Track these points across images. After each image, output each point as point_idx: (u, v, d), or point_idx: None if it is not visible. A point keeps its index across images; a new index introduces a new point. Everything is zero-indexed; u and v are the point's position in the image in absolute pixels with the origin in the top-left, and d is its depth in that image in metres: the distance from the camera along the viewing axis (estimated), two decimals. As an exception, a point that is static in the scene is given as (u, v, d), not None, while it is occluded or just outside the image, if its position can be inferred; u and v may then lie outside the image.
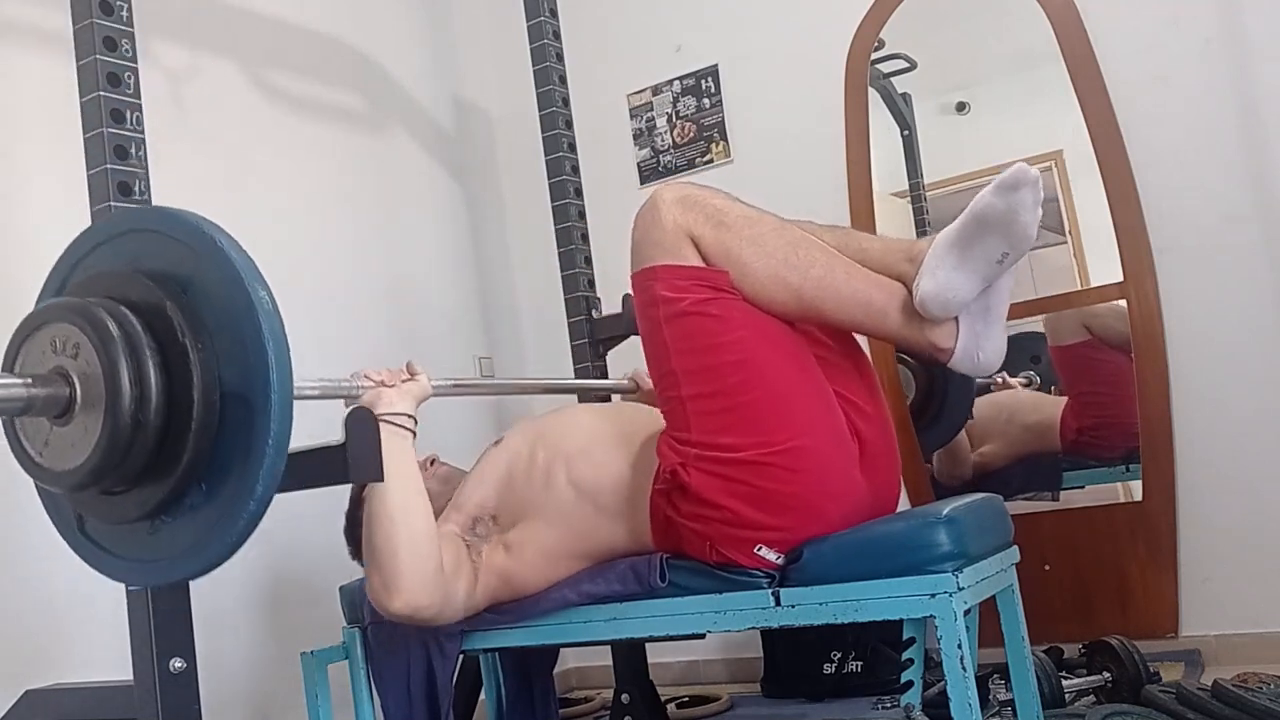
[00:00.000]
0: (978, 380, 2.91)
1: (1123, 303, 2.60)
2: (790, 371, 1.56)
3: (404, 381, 1.69)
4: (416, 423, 1.67)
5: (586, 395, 2.38)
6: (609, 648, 2.38)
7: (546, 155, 2.58)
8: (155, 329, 1.22)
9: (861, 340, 1.66)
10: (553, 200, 2.57)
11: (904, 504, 2.68)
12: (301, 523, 2.38)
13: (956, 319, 1.58)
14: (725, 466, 1.52)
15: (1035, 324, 2.89)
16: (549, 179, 2.58)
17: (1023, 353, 2.92)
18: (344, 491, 2.01)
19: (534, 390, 2.81)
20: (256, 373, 1.19)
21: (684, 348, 1.56)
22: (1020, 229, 1.49)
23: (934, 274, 1.54)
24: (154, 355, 1.20)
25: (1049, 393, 2.90)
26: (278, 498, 1.44)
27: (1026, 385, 2.94)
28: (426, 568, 1.58)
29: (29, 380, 1.21)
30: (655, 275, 1.58)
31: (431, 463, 1.94)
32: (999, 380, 2.93)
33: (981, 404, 2.94)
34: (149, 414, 1.19)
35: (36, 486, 1.37)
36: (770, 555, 1.54)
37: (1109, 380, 2.77)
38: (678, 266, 1.56)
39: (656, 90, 3.25)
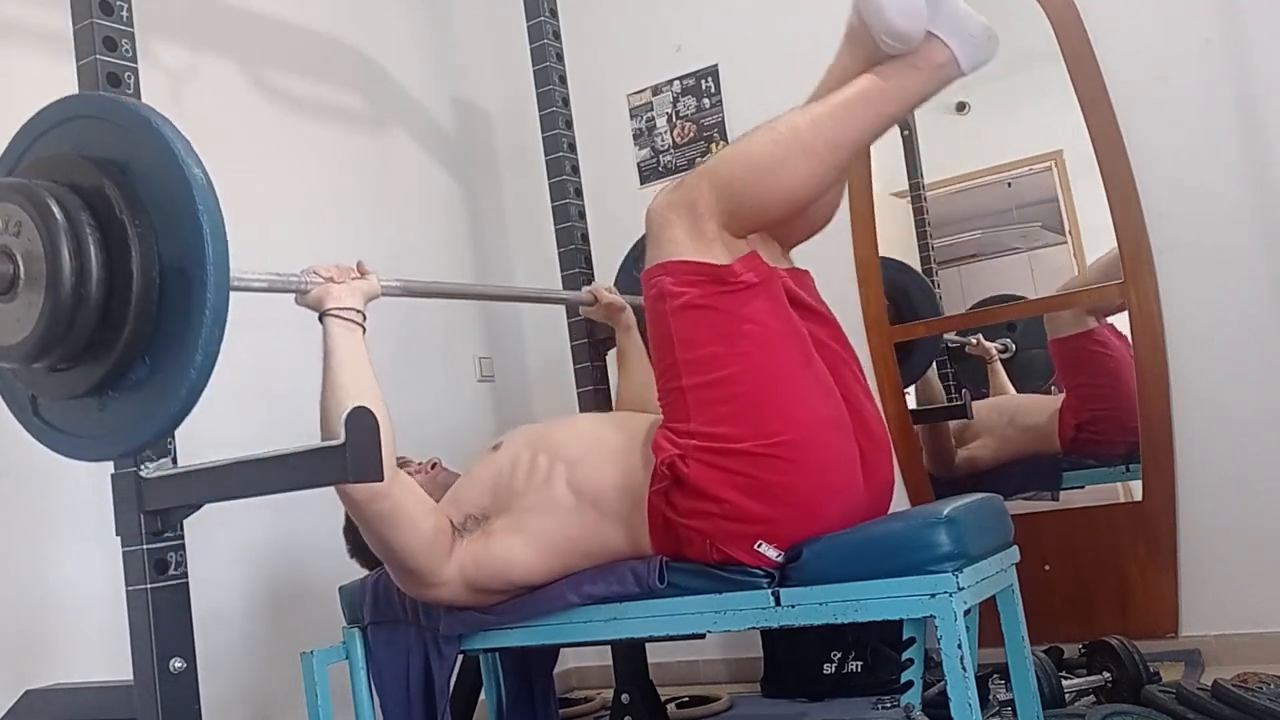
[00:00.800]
0: (952, 340, 2.95)
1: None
2: (794, 365, 1.57)
3: (353, 279, 1.73)
4: (365, 319, 1.70)
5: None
6: (609, 648, 2.39)
7: (546, 155, 2.58)
8: (95, 208, 1.28)
9: (859, 343, 1.67)
10: (553, 200, 2.57)
11: (904, 503, 2.70)
12: (301, 523, 2.39)
13: (933, 34, 1.59)
14: (725, 458, 1.52)
15: (1013, 290, 2.92)
16: (549, 179, 2.57)
17: (999, 320, 2.96)
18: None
19: (490, 297, 2.77)
20: (193, 246, 1.24)
21: (689, 339, 1.57)
22: None
23: (878, 8, 1.57)
24: (93, 232, 1.26)
25: (1034, 384, 2.90)
26: (277, 498, 1.45)
27: (1003, 352, 2.95)
28: (386, 453, 1.58)
29: None
30: (665, 270, 1.59)
31: (433, 466, 1.94)
32: (973, 341, 2.94)
33: (982, 406, 2.94)
34: (90, 288, 1.25)
35: None
36: (770, 552, 1.54)
37: (1107, 372, 2.77)
38: (687, 262, 1.57)
39: (656, 90, 3.25)
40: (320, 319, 1.69)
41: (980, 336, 2.95)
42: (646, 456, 1.64)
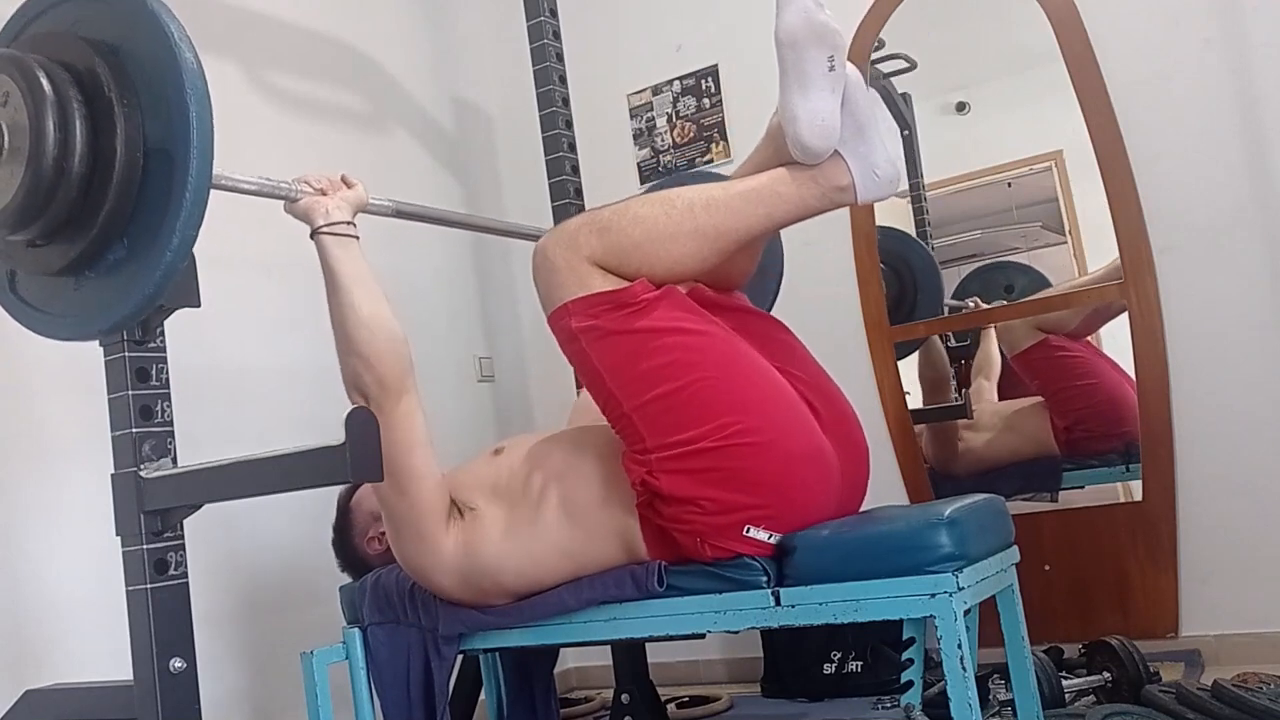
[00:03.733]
0: (951, 302, 2.96)
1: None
2: (721, 355, 1.57)
3: (341, 191, 1.76)
4: (356, 228, 1.73)
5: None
6: (609, 648, 2.38)
7: (546, 155, 2.58)
8: (85, 85, 1.29)
9: (859, 342, 1.67)
10: (553, 200, 2.57)
11: (904, 502, 2.70)
12: (301, 523, 2.39)
13: (840, 156, 1.61)
14: (686, 460, 1.53)
15: (1013, 254, 2.96)
16: (549, 179, 2.57)
17: (996, 284, 2.97)
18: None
19: (485, 229, 2.74)
20: (178, 127, 1.25)
21: (613, 365, 1.57)
22: (821, 28, 1.57)
23: (794, 118, 1.58)
24: (80, 108, 1.27)
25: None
26: (277, 498, 1.45)
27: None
28: (405, 360, 1.66)
29: None
30: (567, 311, 1.59)
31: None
32: (970, 304, 2.95)
33: (983, 408, 2.95)
34: (72, 163, 1.26)
35: None
36: (762, 535, 1.55)
37: (1075, 373, 2.80)
38: (585, 297, 1.57)
39: (656, 90, 3.25)
40: (312, 235, 1.71)
41: (978, 299, 2.96)
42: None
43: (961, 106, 2.96)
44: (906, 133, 2.98)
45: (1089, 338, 2.84)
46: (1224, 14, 2.50)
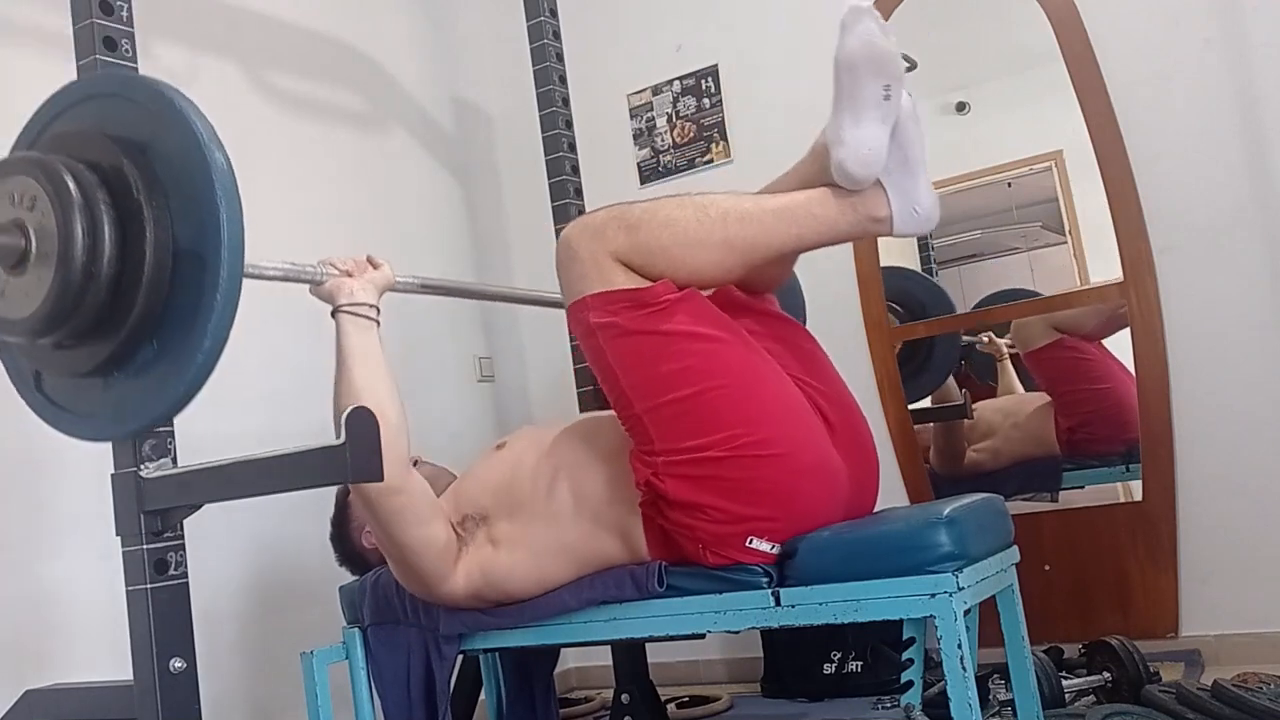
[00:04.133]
0: (964, 338, 2.95)
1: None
2: (737, 364, 1.56)
3: (367, 272, 1.74)
4: (379, 312, 1.71)
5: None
6: (609, 648, 2.38)
7: (546, 155, 2.58)
8: (112, 186, 1.26)
9: (859, 342, 1.67)
10: (553, 200, 2.57)
11: (904, 502, 2.70)
12: (301, 523, 2.38)
13: (883, 186, 1.59)
14: (694, 467, 1.53)
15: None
16: (549, 179, 2.57)
17: (1002, 320, 2.95)
18: (344, 491, 2.02)
19: (510, 299, 2.76)
20: (209, 230, 1.23)
21: (629, 365, 1.56)
22: (882, 55, 1.53)
23: (841, 141, 1.56)
24: (109, 211, 1.25)
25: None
26: (277, 498, 1.45)
27: (1012, 348, 2.95)
28: (401, 451, 1.61)
29: None
30: (586, 305, 1.57)
31: (415, 463, 1.94)
32: (984, 339, 2.95)
33: (985, 407, 2.95)
34: (101, 266, 1.23)
35: None
36: (764, 546, 1.54)
37: (1086, 375, 2.79)
38: (606, 293, 1.56)
39: (656, 90, 3.25)
40: (333, 314, 1.69)
41: (991, 334, 2.96)
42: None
43: (961, 106, 2.96)
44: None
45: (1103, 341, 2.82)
46: (1224, 14, 2.50)
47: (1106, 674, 2.11)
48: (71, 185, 1.24)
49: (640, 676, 2.31)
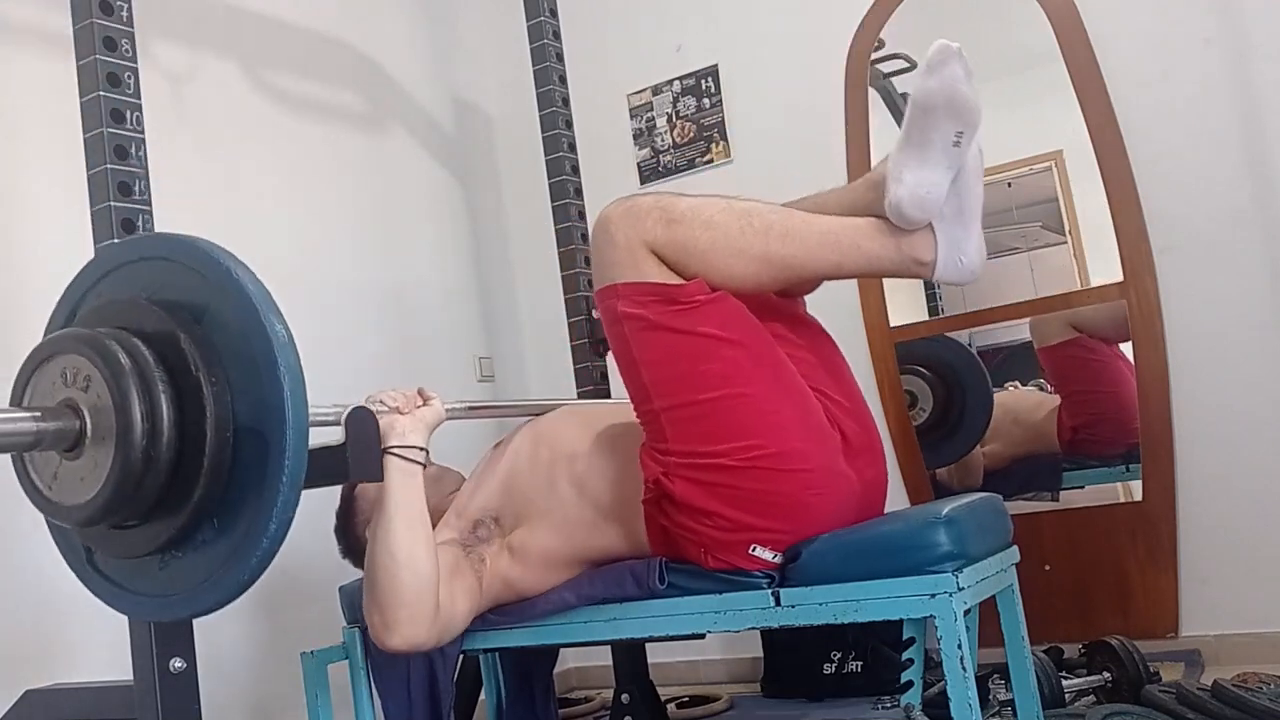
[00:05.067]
0: (991, 386, 2.91)
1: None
2: (762, 372, 1.55)
3: (417, 408, 1.66)
4: (429, 454, 1.65)
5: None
6: (609, 648, 2.38)
7: (546, 155, 2.57)
8: (167, 360, 1.19)
9: (859, 342, 1.67)
10: (553, 200, 2.57)
11: (904, 503, 2.70)
12: (301, 523, 2.38)
13: (932, 230, 1.56)
14: (706, 472, 1.52)
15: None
16: (549, 179, 2.57)
17: (1033, 360, 2.92)
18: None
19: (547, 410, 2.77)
20: (271, 408, 1.16)
21: (652, 360, 1.55)
22: (962, 101, 1.50)
23: (900, 179, 1.53)
24: (166, 388, 1.17)
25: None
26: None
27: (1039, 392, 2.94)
28: (427, 608, 1.56)
29: (39, 414, 1.18)
30: (616, 293, 1.56)
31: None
32: (1010, 389, 2.94)
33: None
34: (161, 448, 1.16)
35: (46, 519, 1.34)
36: (766, 555, 1.54)
37: (1099, 377, 2.78)
38: (637, 283, 1.55)
39: (656, 90, 3.25)
40: (381, 455, 1.62)
41: (1017, 383, 2.93)
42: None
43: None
44: (906, 133, 2.98)
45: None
46: (1224, 14, 2.50)
47: (1106, 674, 2.11)
48: (126, 361, 1.16)
49: (640, 676, 2.31)
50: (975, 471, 2.88)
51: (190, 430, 1.18)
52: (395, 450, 1.59)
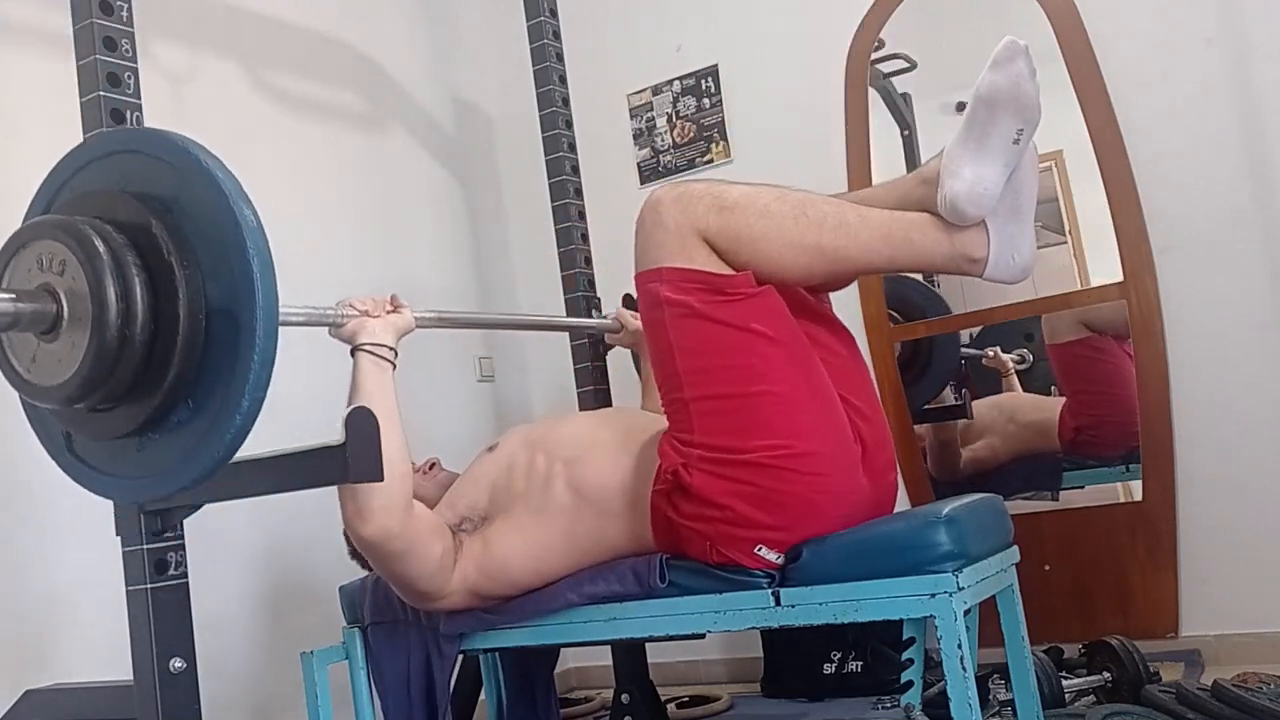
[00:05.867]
0: (969, 350, 2.94)
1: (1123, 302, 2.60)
2: (796, 374, 1.55)
3: (387, 313, 1.72)
4: (397, 355, 1.69)
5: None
6: (609, 648, 2.38)
7: (546, 155, 2.58)
8: (141, 247, 1.24)
9: (859, 342, 1.67)
10: (553, 200, 2.57)
11: (904, 503, 2.70)
12: (301, 523, 2.39)
13: (985, 226, 1.55)
14: (729, 468, 1.52)
15: (1014, 289, 2.91)
16: (549, 179, 2.57)
17: (1016, 331, 2.94)
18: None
19: (523, 326, 2.78)
20: (242, 289, 1.21)
21: (689, 348, 1.55)
22: (1026, 99, 1.50)
23: (957, 174, 1.53)
24: (140, 273, 1.22)
25: (1046, 392, 2.90)
26: (277, 498, 1.45)
27: (1020, 363, 2.94)
28: (401, 499, 1.60)
29: (15, 296, 1.22)
30: (661, 277, 1.56)
31: (431, 466, 1.94)
32: (990, 354, 2.94)
33: (982, 405, 2.94)
34: (135, 330, 1.21)
35: (24, 405, 1.39)
36: (770, 555, 1.54)
37: (1106, 378, 2.77)
38: (684, 269, 1.54)
39: (656, 90, 3.25)
40: (352, 353, 1.68)
41: (998, 349, 2.94)
42: (646, 454, 1.64)
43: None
44: (907, 133, 2.98)
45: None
46: (1224, 14, 2.50)
47: (1106, 674, 2.11)
48: (101, 247, 1.21)
49: (640, 676, 2.31)
50: (953, 454, 2.90)
51: (164, 313, 1.23)
52: (365, 346, 1.65)
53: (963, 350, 2.97)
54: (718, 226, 1.54)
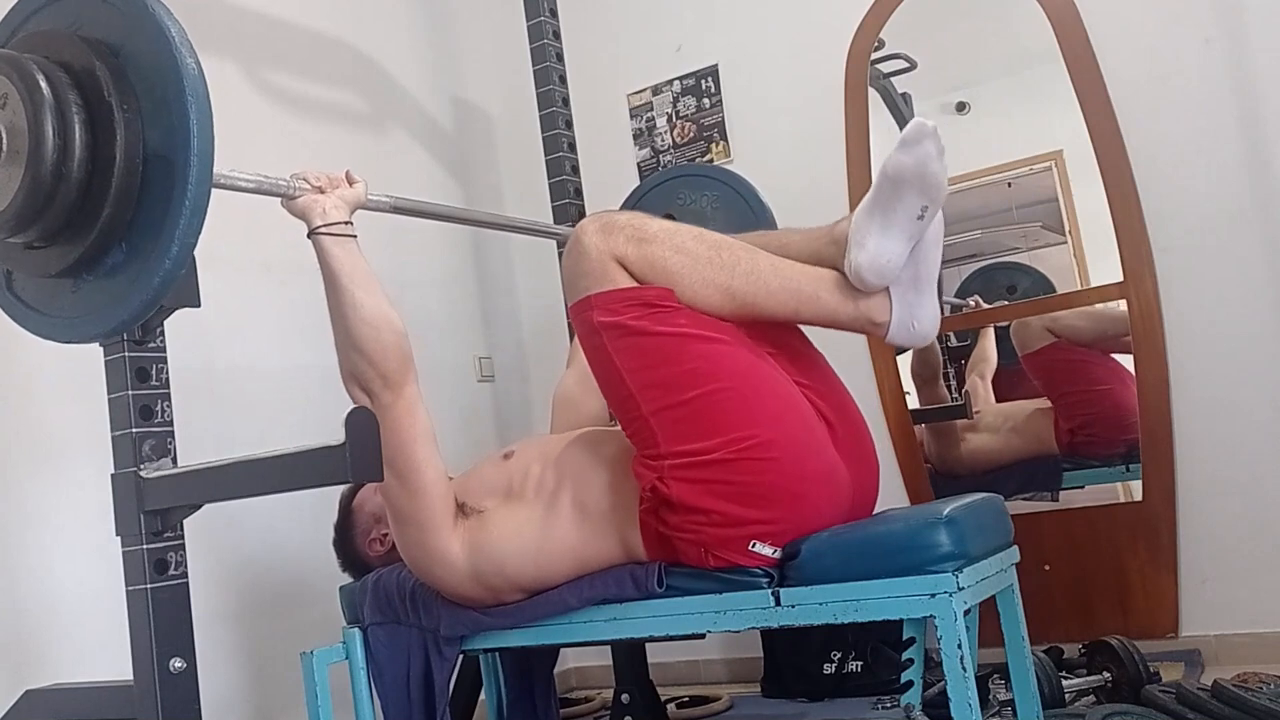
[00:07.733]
0: (952, 300, 2.95)
1: (1120, 304, 2.60)
2: (743, 367, 1.57)
3: (340, 189, 1.74)
4: (354, 227, 1.71)
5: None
6: (609, 648, 2.39)
7: (546, 155, 2.58)
8: (84, 88, 1.27)
9: (860, 343, 1.68)
10: (553, 200, 2.57)
11: (904, 502, 2.70)
12: (301, 523, 2.39)
13: (889, 292, 1.61)
14: (700, 470, 1.53)
15: (1013, 254, 2.96)
16: (549, 179, 2.58)
17: (998, 284, 2.96)
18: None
19: (487, 225, 2.75)
20: (179, 135, 1.24)
21: (635, 366, 1.57)
22: (931, 179, 1.54)
23: (862, 245, 1.58)
24: (80, 112, 1.25)
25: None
26: (277, 497, 1.45)
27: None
28: (411, 359, 1.65)
29: None
30: (590, 304, 1.58)
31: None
32: (970, 303, 2.95)
33: (988, 411, 2.94)
34: (71, 167, 1.24)
35: None
36: (766, 550, 1.54)
37: (1085, 378, 2.79)
38: (609, 291, 1.57)
39: (656, 90, 3.25)
40: (309, 236, 1.69)
41: (978, 298, 2.96)
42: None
43: (961, 106, 2.96)
44: (907, 133, 2.98)
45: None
46: (1224, 14, 2.50)
47: (1106, 674, 2.11)
48: (43, 84, 1.24)
49: (640, 676, 2.31)
50: (952, 442, 2.90)
51: (101, 153, 1.26)
52: (322, 230, 1.66)
53: (947, 300, 2.97)
54: (635, 255, 1.58)
